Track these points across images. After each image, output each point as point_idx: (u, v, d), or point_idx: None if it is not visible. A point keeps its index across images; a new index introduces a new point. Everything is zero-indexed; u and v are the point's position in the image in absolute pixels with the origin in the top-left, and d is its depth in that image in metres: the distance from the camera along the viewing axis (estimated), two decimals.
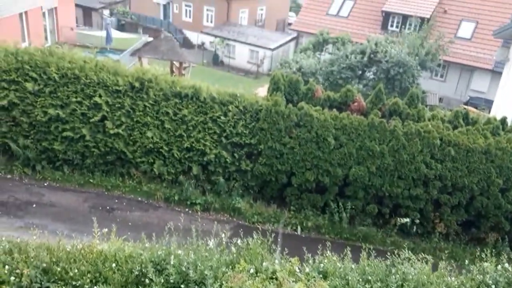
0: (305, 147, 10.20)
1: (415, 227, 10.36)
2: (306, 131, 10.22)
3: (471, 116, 11.30)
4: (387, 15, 29.12)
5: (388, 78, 20.86)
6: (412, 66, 20.58)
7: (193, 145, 10.27)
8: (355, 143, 10.20)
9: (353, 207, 10.29)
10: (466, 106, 20.59)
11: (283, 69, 22.27)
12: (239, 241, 5.53)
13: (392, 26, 29.06)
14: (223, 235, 5.49)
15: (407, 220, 10.10)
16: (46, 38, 26.04)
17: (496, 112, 14.76)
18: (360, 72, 22.10)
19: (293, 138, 10.25)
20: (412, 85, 20.66)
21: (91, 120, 10.02)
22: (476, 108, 21.62)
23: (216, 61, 36.05)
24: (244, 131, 10.37)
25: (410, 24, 27.59)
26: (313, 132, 10.18)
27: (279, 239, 7.13)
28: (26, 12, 23.64)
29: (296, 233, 10.10)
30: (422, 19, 26.92)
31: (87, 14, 41.71)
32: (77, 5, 33.04)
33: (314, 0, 33.19)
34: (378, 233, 10.31)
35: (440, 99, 25.69)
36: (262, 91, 14.61)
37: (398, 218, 10.14)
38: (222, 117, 10.34)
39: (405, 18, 28.27)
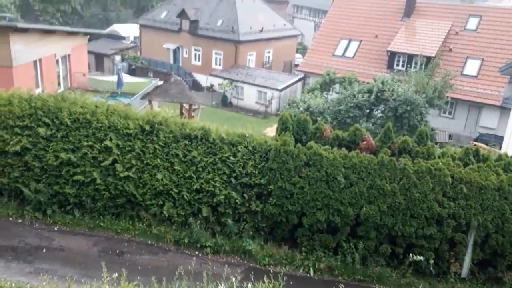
0: (315, 187, 10.14)
1: (430, 267, 10.09)
2: (315, 171, 10.18)
3: (482, 153, 11.21)
4: (392, 55, 29.57)
5: (396, 116, 20.93)
6: (420, 104, 20.68)
7: (203, 186, 10.26)
8: (365, 182, 10.12)
9: (365, 247, 10.09)
10: (476, 143, 20.48)
11: (291, 109, 22.50)
12: (249, 286, 5.43)
13: (398, 65, 29.46)
14: (233, 279, 5.39)
15: (421, 258, 9.85)
16: (59, 84, 26.69)
17: (507, 148, 14.65)
18: (368, 110, 22.23)
19: (303, 177, 10.21)
20: (421, 122, 20.68)
21: (101, 164, 10.10)
22: (487, 144, 21.49)
23: (225, 102, 36.58)
24: (254, 171, 10.37)
25: (416, 63, 27.94)
26: (323, 171, 10.14)
27: (291, 282, 6.99)
28: (40, 60, 24.37)
29: (308, 275, 9.88)
30: (428, 57, 27.28)
31: (99, 60, 42.94)
32: (90, 52, 34.08)
33: (320, 42, 33.91)
34: (392, 274, 10.04)
35: (450, 136, 25.62)
36: (270, 131, 14.72)
37: (411, 255, 9.90)
38: (232, 158, 10.37)
39: (410, 57, 28.68)
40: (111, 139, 10.12)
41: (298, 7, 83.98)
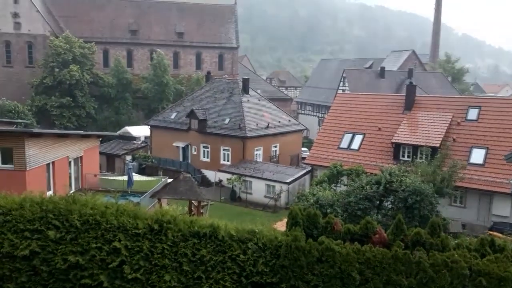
0: (329, 284, 9.77)
1: None
2: (328, 267, 9.88)
3: (498, 243, 10.90)
4: (397, 146, 30.08)
5: (406, 207, 20.73)
6: (429, 194, 20.58)
7: (212, 287, 9.92)
8: (381, 277, 9.75)
9: None
10: (491, 232, 19.97)
11: (301, 202, 22.42)
12: None
13: (403, 156, 29.82)
14: None
15: None
16: (70, 185, 27.11)
17: None
18: (377, 202, 22.08)
19: (315, 275, 9.89)
20: (432, 213, 20.42)
21: (109, 266, 9.91)
22: (502, 233, 20.95)
23: (233, 197, 36.60)
24: (265, 269, 10.06)
25: (421, 153, 28.27)
26: (336, 267, 9.83)
27: None
28: (53, 162, 25.01)
29: None
30: (433, 148, 27.67)
31: (110, 160, 43.94)
32: (101, 153, 35.03)
33: (325, 136, 34.76)
34: None
35: (464, 226, 25.07)
36: (280, 225, 14.54)
37: None
38: (241, 256, 10.13)
39: (415, 148, 29.13)
40: (119, 240, 10.04)
41: (301, 104, 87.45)
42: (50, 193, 22.75)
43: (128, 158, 44.25)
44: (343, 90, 63.24)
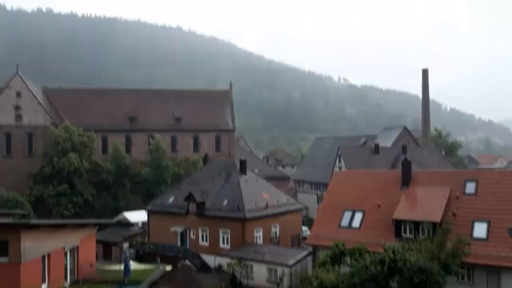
0: None
1: None
2: None
3: None
4: (398, 223, 29.78)
5: (413, 286, 20.10)
6: (434, 273, 20.06)
7: None
8: None
9: None
10: None
11: (304, 286, 21.74)
12: None
13: (405, 232, 29.43)
14: None
15: None
16: (65, 277, 26.30)
17: None
18: (383, 282, 21.41)
19: None
20: None
21: None
22: None
23: (234, 283, 35.44)
24: None
25: (423, 229, 27.91)
26: None
27: None
28: (49, 254, 24.47)
29: None
30: (434, 223, 27.39)
31: (107, 249, 43.05)
32: (98, 241, 34.38)
33: (324, 214, 34.51)
34: None
35: None
36: None
37: None
38: None
39: (416, 224, 28.81)
40: None
41: (299, 182, 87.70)
42: (44, 285, 22.01)
43: (125, 245, 43.32)
44: (339, 168, 63.77)
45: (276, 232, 43.46)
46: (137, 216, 50.16)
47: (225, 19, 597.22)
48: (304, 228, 50.32)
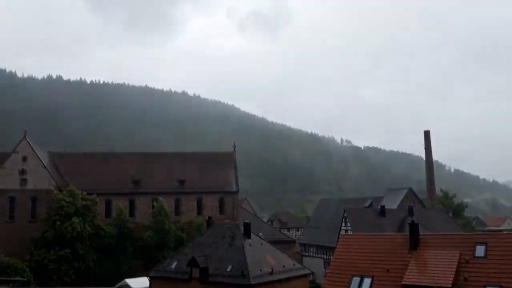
0: None
1: None
2: None
3: None
4: None
5: None
6: None
7: None
8: None
9: None
10: None
11: None
12: None
13: None
14: None
15: None
16: None
17: None
18: None
19: None
20: None
21: None
22: None
23: None
24: None
25: None
26: None
27: None
28: None
29: None
30: None
31: None
32: None
33: (332, 280, 33.58)
34: None
35: None
36: None
37: None
38: None
39: None
40: None
41: (305, 245, 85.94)
42: None
43: None
44: (346, 230, 62.76)
45: None
46: (139, 283, 48.79)
47: (228, 83, 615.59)
48: None
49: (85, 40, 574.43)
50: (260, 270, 41.15)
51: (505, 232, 53.63)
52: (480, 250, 29.72)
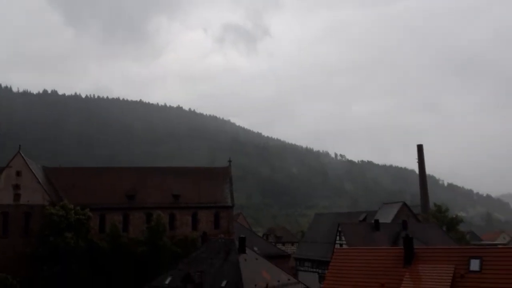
0: None
1: None
2: None
3: None
4: None
5: None
6: None
7: None
8: None
9: None
10: None
11: None
12: None
13: None
14: None
15: None
16: None
17: None
18: None
19: None
20: None
21: None
22: None
23: None
24: None
25: None
26: None
27: None
28: None
29: None
30: None
31: None
32: None
33: None
34: None
35: None
36: None
37: None
38: None
39: None
40: None
41: (300, 260, 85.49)
42: None
43: None
44: (340, 245, 62.60)
45: None
46: None
47: (222, 98, 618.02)
48: None
49: (69, 55, 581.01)
50: (255, 285, 40.91)
51: (500, 246, 53.79)
52: (475, 264, 29.74)
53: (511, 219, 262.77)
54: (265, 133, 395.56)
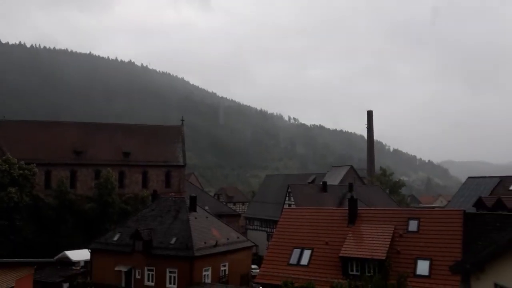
0: None
1: None
2: None
3: None
4: (345, 261, 30.22)
5: None
6: None
7: None
8: None
9: None
10: None
11: None
12: None
13: (352, 270, 29.84)
14: None
15: None
16: None
17: None
18: None
19: None
20: None
21: None
22: None
23: None
24: None
25: (369, 267, 28.50)
26: None
27: None
28: None
29: None
30: (380, 261, 28.08)
31: None
32: (36, 281, 32.41)
33: (274, 252, 34.45)
34: None
35: None
36: None
37: None
38: None
39: (362, 262, 29.37)
40: None
41: (250, 219, 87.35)
42: None
43: (65, 286, 41.03)
44: (289, 205, 64.32)
45: (225, 271, 42.78)
46: (79, 255, 47.79)
47: (178, 55, 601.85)
48: (254, 266, 49.84)
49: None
50: (205, 243, 41.54)
51: (437, 208, 57.15)
52: (413, 225, 31.52)
53: (450, 184, 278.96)
54: (220, 93, 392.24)
